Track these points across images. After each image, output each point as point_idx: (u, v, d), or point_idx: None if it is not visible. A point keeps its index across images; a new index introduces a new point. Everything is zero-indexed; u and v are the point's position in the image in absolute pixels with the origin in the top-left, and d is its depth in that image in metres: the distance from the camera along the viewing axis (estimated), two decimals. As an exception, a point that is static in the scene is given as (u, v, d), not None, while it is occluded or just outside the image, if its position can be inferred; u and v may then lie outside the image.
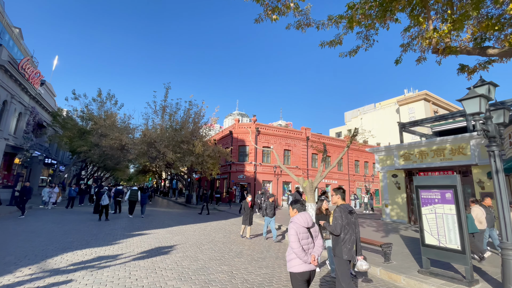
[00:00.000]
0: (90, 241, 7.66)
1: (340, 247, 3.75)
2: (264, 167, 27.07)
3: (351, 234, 3.78)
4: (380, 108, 60.28)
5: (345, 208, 3.89)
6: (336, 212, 3.84)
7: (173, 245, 7.57)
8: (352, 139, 9.58)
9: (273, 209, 9.48)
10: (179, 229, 10.42)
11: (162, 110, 20.36)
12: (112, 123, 23.18)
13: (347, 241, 3.74)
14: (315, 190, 9.75)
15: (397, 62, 8.68)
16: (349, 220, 3.84)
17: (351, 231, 3.80)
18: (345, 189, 34.13)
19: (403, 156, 15.81)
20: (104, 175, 51.63)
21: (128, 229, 10.04)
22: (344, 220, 3.79)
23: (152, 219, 13.05)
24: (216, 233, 9.91)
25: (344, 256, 3.69)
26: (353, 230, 3.85)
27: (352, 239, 3.78)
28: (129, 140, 19.50)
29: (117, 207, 14.96)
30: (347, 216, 3.83)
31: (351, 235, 3.78)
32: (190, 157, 19.73)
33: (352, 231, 3.83)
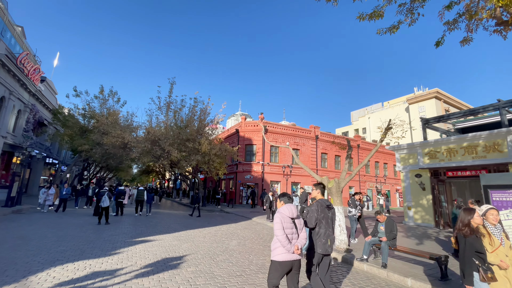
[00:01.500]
0: (85, 250, 6.55)
1: (315, 241, 3.80)
2: (272, 167, 25.90)
3: (326, 228, 3.80)
4: (388, 107, 58.82)
5: (323, 202, 3.93)
6: (313, 206, 3.89)
7: (182, 256, 6.42)
8: (387, 132, 8.36)
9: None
10: (187, 235, 9.28)
11: (167, 107, 19.28)
12: (115, 121, 22.18)
13: (321, 235, 3.77)
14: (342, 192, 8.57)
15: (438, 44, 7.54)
16: (325, 215, 3.86)
17: (326, 226, 3.82)
18: (356, 190, 32.83)
19: (428, 154, 14.55)
20: (107, 175, 50.84)
21: (130, 234, 8.92)
22: (320, 214, 3.82)
23: (156, 223, 11.94)
24: (229, 240, 8.75)
25: (318, 250, 3.72)
26: (328, 225, 3.87)
27: (327, 234, 3.79)
28: (132, 138, 18.43)
29: (118, 209, 13.89)
30: (323, 211, 3.86)
31: (326, 229, 3.80)
32: (196, 156, 18.62)
33: (328, 225, 3.84)
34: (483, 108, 13.63)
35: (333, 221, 4.03)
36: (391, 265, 6.25)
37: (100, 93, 24.28)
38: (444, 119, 15.16)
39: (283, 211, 3.27)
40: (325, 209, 3.89)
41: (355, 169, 8.45)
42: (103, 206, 10.84)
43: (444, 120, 15.24)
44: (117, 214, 13.78)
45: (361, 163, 8.44)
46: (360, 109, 69.41)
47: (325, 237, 3.76)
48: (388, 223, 6.73)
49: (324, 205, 3.92)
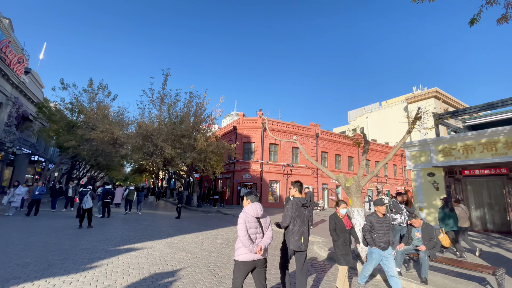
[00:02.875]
0: (54, 263, 5.26)
1: (288, 237, 3.86)
2: (271, 165, 24.73)
3: (300, 226, 3.87)
4: (386, 107, 58.26)
5: (298, 201, 3.98)
6: (288, 204, 3.95)
7: (176, 271, 5.18)
8: (416, 122, 7.25)
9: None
10: (182, 241, 8.02)
11: (160, 100, 17.90)
12: (105, 116, 20.71)
13: (295, 232, 3.83)
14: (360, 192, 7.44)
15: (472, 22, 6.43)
16: (300, 213, 3.92)
17: (300, 223, 3.88)
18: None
19: (442, 151, 13.54)
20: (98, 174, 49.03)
21: (115, 241, 7.63)
22: (295, 213, 3.88)
23: (147, 226, 10.63)
24: (231, 247, 7.53)
25: (291, 246, 3.79)
26: (303, 222, 3.93)
27: (301, 231, 3.86)
28: (122, 133, 17.02)
29: (105, 210, 12.53)
30: (298, 209, 3.92)
31: (300, 227, 3.86)
32: (192, 153, 17.33)
33: (302, 223, 3.90)
34: (502, 102, 12.68)
35: (309, 219, 4.07)
36: (431, 280, 5.14)
37: (89, 86, 22.75)
38: (459, 114, 14.19)
39: (247, 211, 3.21)
40: (300, 208, 3.95)
41: (378, 166, 7.32)
42: (85, 208, 9.50)
43: (459, 114, 14.27)
44: (103, 216, 12.42)
45: (386, 158, 7.30)
46: (358, 109, 68.81)
47: (298, 234, 3.82)
48: (426, 229, 5.62)
49: (299, 204, 3.95)
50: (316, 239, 9.31)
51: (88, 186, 10.41)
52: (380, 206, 4.77)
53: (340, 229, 4.64)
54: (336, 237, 4.63)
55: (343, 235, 4.60)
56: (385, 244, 4.49)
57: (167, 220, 12.80)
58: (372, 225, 4.64)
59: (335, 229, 4.66)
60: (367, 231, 4.71)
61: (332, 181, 29.06)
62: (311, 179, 27.03)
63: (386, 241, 4.51)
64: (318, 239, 9.25)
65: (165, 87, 17.78)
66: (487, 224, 12.52)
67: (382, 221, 4.65)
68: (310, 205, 4.33)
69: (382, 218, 4.69)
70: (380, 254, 4.51)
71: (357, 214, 7.18)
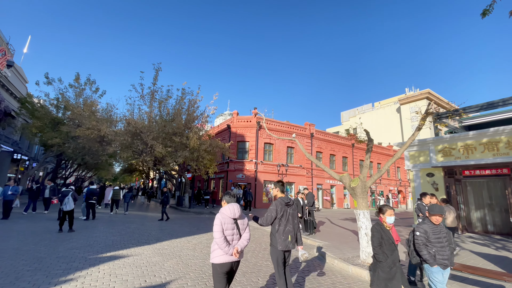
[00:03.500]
0: (22, 276, 4.53)
1: (275, 238, 3.83)
2: (266, 165, 24.17)
3: (285, 225, 3.85)
4: (379, 107, 58.65)
5: (282, 200, 3.95)
6: (272, 205, 3.91)
7: (165, 284, 4.54)
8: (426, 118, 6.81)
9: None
10: (172, 246, 7.35)
11: (151, 96, 17.08)
12: (92, 112, 19.72)
13: (282, 232, 3.81)
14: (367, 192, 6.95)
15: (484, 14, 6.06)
16: (284, 212, 3.91)
17: (286, 223, 3.87)
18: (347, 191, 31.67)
19: (442, 151, 13.27)
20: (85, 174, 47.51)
21: (98, 247, 6.89)
22: (280, 213, 3.86)
23: (134, 229, 9.89)
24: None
25: (279, 247, 3.76)
26: (289, 221, 3.91)
27: (287, 230, 3.84)
28: (109, 131, 16.12)
29: (89, 212, 11.69)
30: (282, 209, 3.90)
31: (285, 226, 3.84)
32: (184, 152, 16.58)
33: (288, 222, 3.89)
34: (503, 101, 12.47)
35: (294, 217, 4.03)
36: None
37: (76, 81, 21.71)
38: (458, 113, 13.94)
39: (224, 212, 3.16)
40: (284, 207, 3.94)
41: (385, 166, 6.83)
42: (66, 210, 8.69)
43: (458, 114, 14.02)
44: (87, 219, 11.58)
45: (393, 157, 6.82)
46: (351, 110, 69.09)
47: (285, 233, 3.81)
48: (441, 233, 5.12)
49: (283, 203, 3.94)
50: (316, 242, 8.77)
51: (70, 186, 9.58)
52: (436, 214, 3.72)
53: (388, 245, 3.57)
54: (382, 256, 3.57)
55: (392, 254, 3.57)
56: (448, 261, 3.58)
57: (156, 222, 12.05)
58: (428, 237, 3.66)
59: (380, 245, 3.59)
60: (422, 245, 3.66)
61: (327, 181, 28.72)
62: (306, 179, 26.60)
63: (448, 256, 3.61)
64: (318, 242, 8.72)
65: (156, 82, 16.98)
66: (487, 225, 12.27)
67: (439, 231, 3.69)
68: (294, 203, 4.15)
69: (438, 228, 3.71)
70: (443, 274, 3.58)
71: (363, 217, 6.67)
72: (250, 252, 7.11)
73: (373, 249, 3.69)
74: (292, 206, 4.05)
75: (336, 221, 15.53)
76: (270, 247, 3.95)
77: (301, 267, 6.08)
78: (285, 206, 3.94)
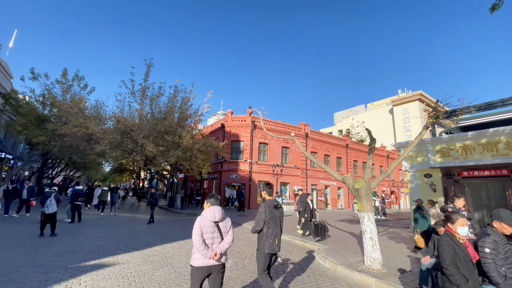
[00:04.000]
0: (-10, 291, 3.96)
1: (263, 241, 3.76)
2: (261, 165, 23.74)
3: (274, 228, 3.82)
4: (372, 109, 59.05)
5: (270, 203, 3.92)
6: (261, 208, 3.87)
7: (154, 297, 4.03)
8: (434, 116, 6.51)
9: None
10: (163, 252, 6.82)
11: (142, 92, 16.40)
12: (80, 110, 18.88)
13: (269, 235, 3.77)
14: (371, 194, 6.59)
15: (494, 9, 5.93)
16: (273, 215, 3.87)
17: (274, 226, 3.84)
18: (345, 191, 31.55)
19: (440, 152, 13.11)
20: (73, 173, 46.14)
21: (80, 253, 6.32)
22: (268, 215, 3.82)
23: (123, 233, 9.30)
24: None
25: (266, 250, 3.70)
26: (276, 224, 3.89)
27: (275, 233, 3.81)
28: (98, 129, 15.37)
29: (75, 214, 11.01)
30: (271, 211, 3.86)
31: (273, 229, 3.81)
32: (176, 151, 15.97)
33: (276, 225, 3.86)
34: (502, 102, 12.40)
35: (281, 220, 4.04)
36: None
37: (63, 76, 20.79)
38: (457, 113, 13.81)
39: (205, 215, 3.13)
40: (273, 209, 3.91)
41: (391, 166, 6.48)
42: (48, 213, 8.06)
43: (457, 114, 13.89)
44: (72, 221, 10.90)
45: (400, 157, 6.47)
46: (344, 111, 69.42)
47: (272, 236, 3.77)
48: (455, 239, 4.78)
49: (271, 206, 3.92)
50: (315, 246, 8.38)
51: (53, 186, 8.92)
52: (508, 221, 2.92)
53: (465, 262, 2.76)
54: (459, 278, 2.71)
55: (472, 275, 2.73)
56: None
57: (147, 225, 11.45)
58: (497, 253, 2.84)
59: (455, 263, 2.78)
60: (492, 264, 2.81)
61: (321, 181, 28.47)
62: (300, 179, 26.30)
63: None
64: (317, 246, 8.33)
65: (147, 78, 16.30)
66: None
67: (505, 242, 2.94)
68: (281, 206, 4.14)
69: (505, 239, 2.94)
70: None
71: (368, 220, 6.31)
72: (248, 258, 6.66)
73: (445, 268, 2.81)
74: (280, 209, 4.03)
75: (332, 222, 15.21)
76: (256, 252, 3.87)
77: (303, 274, 5.67)
78: (273, 209, 3.91)
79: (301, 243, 9.06)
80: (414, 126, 46.93)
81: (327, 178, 29.39)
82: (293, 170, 25.91)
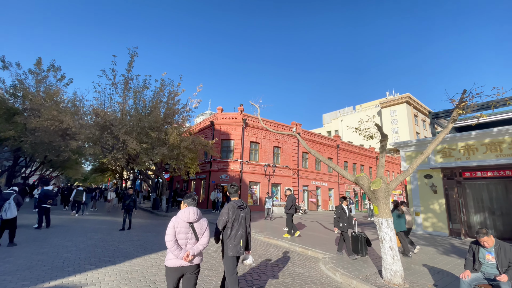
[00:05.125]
0: None
1: (226, 244, 3.66)
2: (252, 165, 22.75)
3: (237, 229, 3.71)
4: (361, 110, 59.50)
5: (235, 204, 3.84)
6: (224, 209, 3.81)
7: None
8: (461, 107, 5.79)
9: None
10: (146, 266, 5.69)
11: (125, 84, 14.98)
12: (55, 103, 17.18)
13: (233, 237, 3.66)
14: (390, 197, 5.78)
15: None
16: (237, 216, 3.76)
17: (238, 227, 3.72)
18: (336, 192, 31.10)
19: (441, 152, 12.64)
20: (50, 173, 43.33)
21: (39, 270, 5.09)
22: (232, 216, 3.71)
23: (98, 241, 8.04)
24: (218, 276, 5.38)
25: (229, 253, 3.59)
26: (241, 225, 3.76)
27: (239, 235, 3.69)
28: (74, 123, 13.84)
29: (42, 218, 9.59)
30: (235, 212, 3.75)
31: (237, 230, 3.70)
32: (162, 149, 14.70)
33: (240, 226, 3.74)
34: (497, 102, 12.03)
35: (247, 221, 3.89)
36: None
37: (37, 66, 18.98)
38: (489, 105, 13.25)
39: (180, 215, 3.11)
40: (237, 210, 3.79)
41: (414, 164, 5.68)
42: (5, 218, 6.72)
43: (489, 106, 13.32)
44: (39, 227, 9.47)
45: (423, 154, 5.68)
46: (332, 112, 69.71)
47: (236, 238, 3.66)
48: (502, 249, 4.03)
49: (236, 206, 3.80)
50: (319, 254, 7.49)
51: (13, 187, 7.55)
52: None
53: None
54: None
55: None
56: None
57: (129, 231, 10.17)
58: None
59: None
60: None
61: (312, 182, 27.81)
62: (292, 180, 25.52)
63: None
64: (322, 254, 7.43)
65: (131, 69, 14.90)
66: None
67: None
68: (247, 206, 4.02)
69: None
70: None
71: (387, 227, 5.47)
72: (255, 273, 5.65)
73: None
74: (245, 209, 3.92)
75: (329, 225, 14.44)
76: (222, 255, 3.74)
77: (316, 293, 4.73)
78: (237, 210, 3.79)
79: (302, 250, 8.15)
80: (401, 128, 47.50)
81: (318, 179, 28.81)
82: (285, 171, 25.09)
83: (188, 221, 3.07)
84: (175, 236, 2.99)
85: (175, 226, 3.02)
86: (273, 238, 9.62)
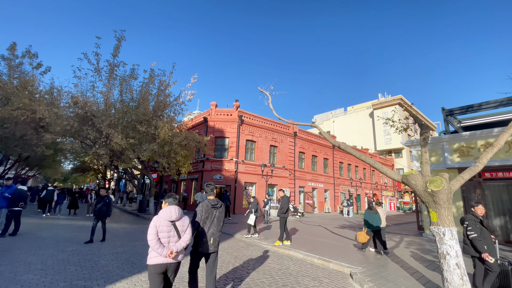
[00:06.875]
0: None
1: (196, 239, 3.77)
2: (247, 165, 21.39)
3: (209, 227, 3.80)
4: (353, 112, 59.34)
5: (209, 202, 3.88)
6: (198, 207, 3.87)
7: None
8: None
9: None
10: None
11: (110, 71, 13.27)
12: (30, 93, 15.19)
13: (204, 234, 3.75)
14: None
15: None
16: (210, 214, 3.85)
17: (210, 224, 3.82)
18: (331, 194, 30.17)
19: (458, 150, 11.76)
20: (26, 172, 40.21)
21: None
22: (204, 215, 3.80)
23: (72, 253, 6.46)
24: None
25: (199, 249, 3.71)
26: (213, 224, 3.85)
27: (210, 233, 3.78)
28: (49, 113, 12.01)
29: (10, 223, 7.86)
30: (208, 210, 3.83)
31: (209, 228, 3.80)
32: (151, 145, 13.11)
33: (211, 224, 3.83)
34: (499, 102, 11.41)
35: (220, 220, 3.95)
36: None
37: (11, 51, 16.88)
38: (474, 110, 12.60)
39: (161, 214, 3.16)
40: (211, 209, 3.86)
41: (484, 157, 4.52)
42: None
43: (473, 110, 12.69)
44: (3, 234, 7.73)
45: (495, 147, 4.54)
46: (324, 113, 69.41)
47: (207, 235, 3.75)
48: None
49: (209, 205, 3.86)
50: (344, 267, 6.23)
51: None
52: None
53: None
54: None
55: None
56: None
57: (111, 239, 8.57)
58: None
59: None
60: None
61: (309, 183, 26.73)
62: (288, 181, 24.35)
63: None
64: (347, 267, 6.17)
65: (117, 54, 13.20)
66: (509, 234, 10.89)
67: None
68: (222, 205, 4.02)
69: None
70: None
71: (451, 238, 4.28)
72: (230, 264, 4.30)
73: None
74: (220, 208, 3.96)
75: (334, 229, 13.29)
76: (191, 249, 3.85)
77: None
78: (211, 208, 3.85)
79: (322, 262, 6.87)
80: (394, 129, 47.43)
81: (314, 180, 27.80)
82: (281, 171, 23.88)
83: (170, 219, 3.12)
84: (157, 235, 3.03)
85: (157, 225, 3.06)
86: (282, 248, 8.32)
